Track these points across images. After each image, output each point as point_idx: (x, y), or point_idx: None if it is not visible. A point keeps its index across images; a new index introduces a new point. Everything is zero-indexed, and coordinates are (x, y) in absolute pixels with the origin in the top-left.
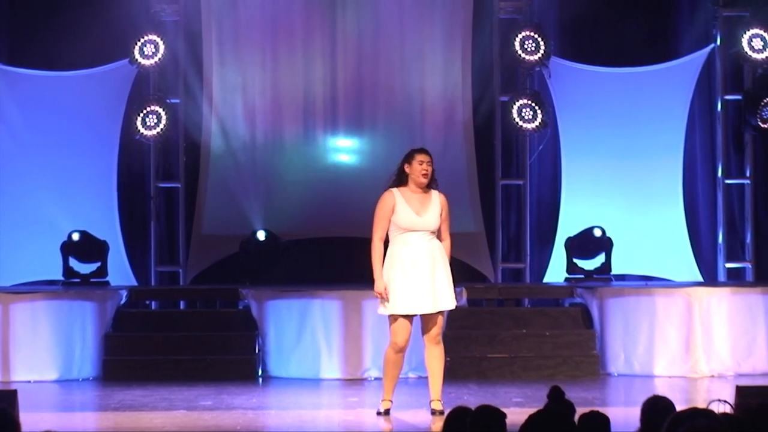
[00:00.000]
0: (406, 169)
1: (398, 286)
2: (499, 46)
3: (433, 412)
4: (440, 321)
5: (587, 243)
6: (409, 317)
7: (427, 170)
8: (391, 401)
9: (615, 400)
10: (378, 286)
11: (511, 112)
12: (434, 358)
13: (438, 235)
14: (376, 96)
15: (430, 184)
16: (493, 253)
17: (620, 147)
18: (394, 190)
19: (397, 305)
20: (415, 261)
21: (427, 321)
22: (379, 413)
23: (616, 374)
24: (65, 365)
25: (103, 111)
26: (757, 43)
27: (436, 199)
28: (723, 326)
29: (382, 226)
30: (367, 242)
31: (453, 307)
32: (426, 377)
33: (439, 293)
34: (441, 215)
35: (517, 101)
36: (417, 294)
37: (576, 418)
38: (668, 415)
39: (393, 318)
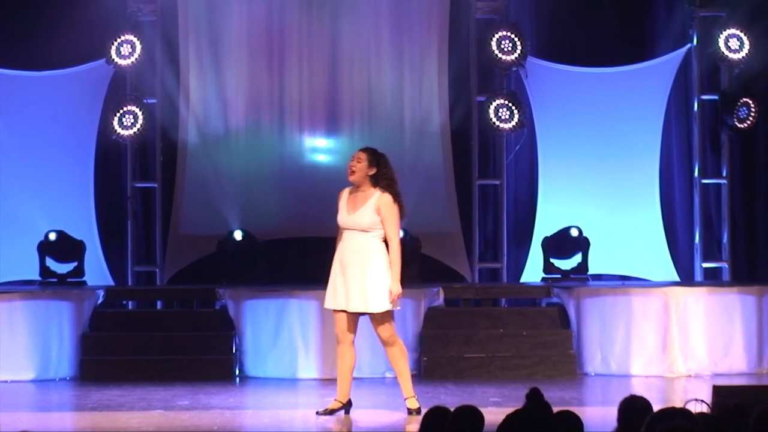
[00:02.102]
0: None
1: (330, 281)
2: (475, 46)
3: (409, 411)
4: (377, 323)
5: (564, 243)
6: (340, 312)
7: (353, 166)
8: (341, 402)
9: (592, 399)
10: None
11: (487, 112)
12: (392, 359)
13: (383, 236)
14: (352, 95)
15: (376, 183)
16: (470, 253)
17: (597, 147)
18: (346, 189)
19: (326, 299)
20: (343, 258)
21: (371, 323)
22: (317, 412)
23: (593, 374)
24: (42, 365)
25: (79, 111)
26: (734, 43)
27: (375, 198)
28: (700, 326)
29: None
30: None
31: (370, 311)
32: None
33: (352, 293)
34: (378, 214)
35: (494, 101)
36: (336, 290)
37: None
38: (645, 415)
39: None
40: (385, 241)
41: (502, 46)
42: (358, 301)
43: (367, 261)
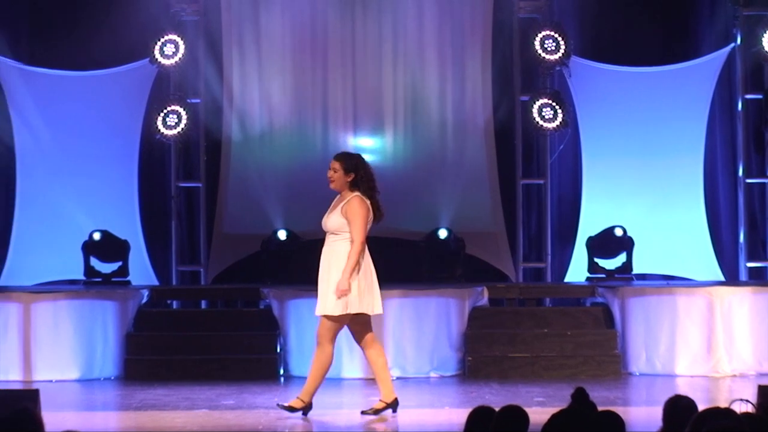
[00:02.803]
0: None
1: None
2: (519, 46)
3: (283, 405)
4: (322, 321)
5: (608, 242)
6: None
7: (330, 176)
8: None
9: (637, 399)
10: None
11: (531, 112)
12: (314, 358)
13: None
14: (396, 94)
15: (354, 188)
16: (514, 253)
17: (641, 146)
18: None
19: None
20: (321, 261)
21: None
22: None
23: (637, 374)
24: (87, 365)
25: (123, 111)
26: None
27: (344, 202)
28: (744, 325)
29: None
30: (388, 242)
31: (320, 313)
32: (446, 377)
33: (319, 296)
34: (345, 217)
35: (538, 101)
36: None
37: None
38: (690, 415)
39: None
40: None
41: (546, 46)
42: (320, 302)
43: (332, 263)
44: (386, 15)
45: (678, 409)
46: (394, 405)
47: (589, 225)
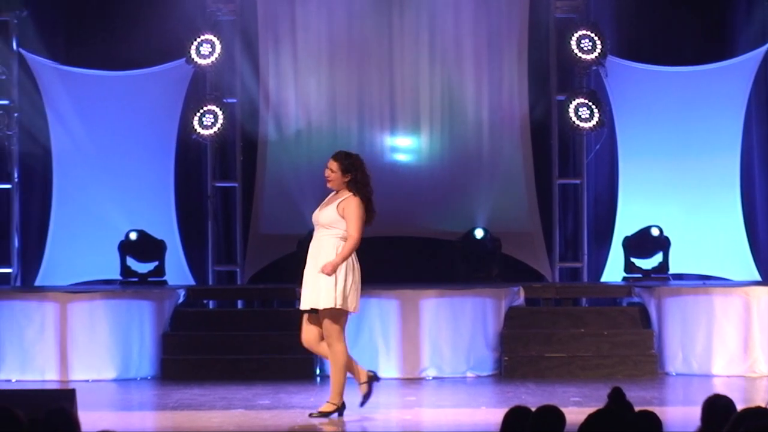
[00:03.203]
0: None
1: None
2: (555, 46)
3: (318, 414)
4: (326, 321)
5: (645, 242)
6: (305, 312)
7: (328, 176)
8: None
9: (673, 399)
10: None
11: (567, 112)
12: (329, 360)
13: (344, 236)
14: (432, 94)
15: (351, 188)
16: (550, 253)
17: (677, 146)
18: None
19: None
20: (309, 256)
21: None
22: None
23: (674, 373)
24: (123, 364)
25: (160, 110)
26: None
27: (341, 199)
28: None
29: None
30: (424, 242)
31: (318, 307)
32: (482, 377)
33: (307, 291)
34: (341, 215)
35: (574, 100)
36: (303, 289)
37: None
38: (729, 415)
39: None
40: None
41: (582, 45)
42: (308, 296)
43: (322, 257)
44: (423, 14)
45: (716, 409)
46: (342, 408)
47: (625, 225)
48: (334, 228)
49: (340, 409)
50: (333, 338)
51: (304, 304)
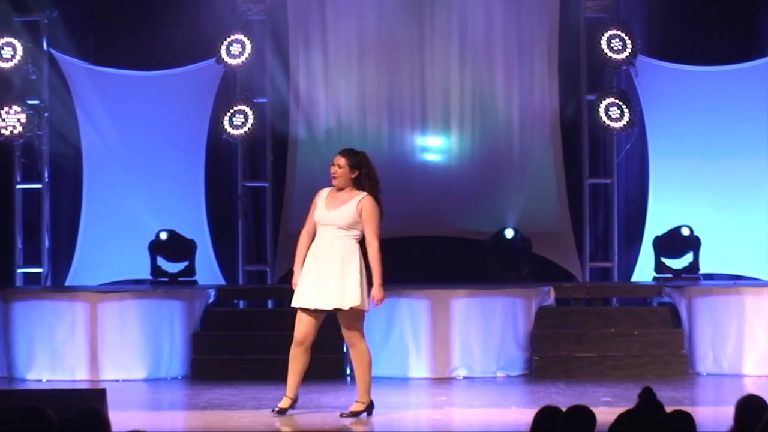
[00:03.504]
0: None
1: (300, 279)
2: (585, 45)
3: (350, 413)
4: (344, 321)
5: (675, 242)
6: (308, 311)
7: (335, 172)
8: (293, 399)
9: (704, 399)
10: (294, 278)
11: (597, 111)
12: (353, 360)
13: (361, 237)
14: (462, 94)
15: (359, 186)
16: (580, 252)
17: (708, 145)
18: (324, 189)
19: (294, 297)
20: (318, 255)
21: (338, 320)
22: (273, 410)
23: (704, 373)
24: (154, 364)
25: (190, 110)
26: None
27: (357, 199)
28: None
29: (308, 219)
30: (454, 241)
31: (345, 308)
32: (513, 377)
33: (329, 291)
34: (360, 216)
35: (604, 100)
36: (310, 288)
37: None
38: (762, 415)
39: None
40: (360, 243)
41: (612, 45)
42: (332, 297)
43: (344, 258)
44: (453, 14)
45: (750, 409)
46: (371, 407)
47: (655, 224)
48: (353, 229)
49: (369, 407)
50: (357, 338)
51: (322, 304)
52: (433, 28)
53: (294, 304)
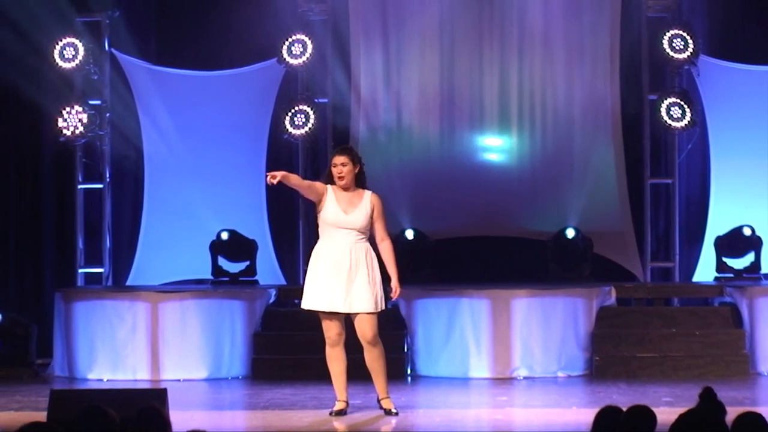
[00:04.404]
0: (330, 170)
1: (314, 282)
2: (647, 45)
3: (387, 412)
4: (370, 323)
5: (737, 242)
6: (331, 313)
7: (341, 172)
8: (346, 402)
9: (765, 399)
10: None
11: (659, 111)
12: (371, 360)
13: (373, 236)
14: (522, 93)
15: (360, 183)
16: (641, 252)
17: None
18: (327, 186)
19: (308, 300)
20: (337, 258)
21: (355, 322)
22: (330, 413)
23: (766, 374)
24: (214, 364)
25: (251, 110)
26: None
27: (368, 199)
28: None
29: (311, 183)
30: (515, 241)
31: (373, 310)
32: (573, 377)
33: (354, 295)
34: (372, 215)
35: (666, 100)
36: (330, 291)
37: (731, 419)
38: None
39: (320, 314)
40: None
41: (674, 45)
42: (363, 300)
43: (363, 261)
44: (513, 13)
45: None
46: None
47: (717, 224)
48: (368, 231)
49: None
50: (378, 337)
51: (352, 308)
52: (493, 28)
53: (309, 306)
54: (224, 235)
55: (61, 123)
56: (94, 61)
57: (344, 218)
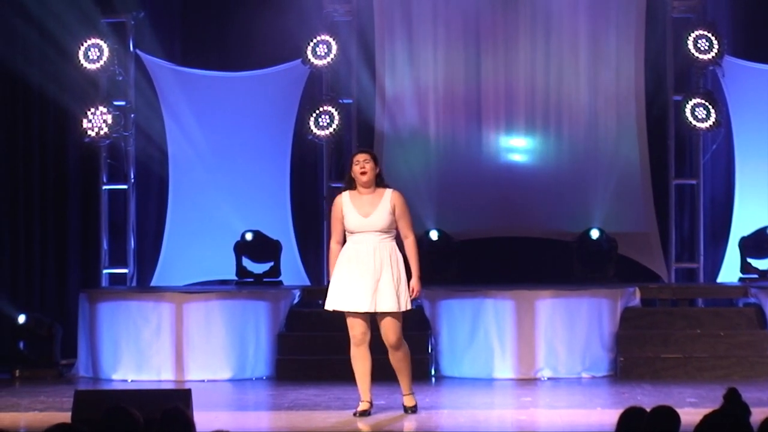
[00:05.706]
0: (352, 172)
1: (337, 283)
2: (672, 45)
3: (405, 410)
4: (394, 327)
5: (761, 242)
6: (356, 313)
7: (364, 168)
8: (370, 402)
9: None
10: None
11: (684, 112)
12: (396, 361)
13: (396, 234)
14: (548, 94)
15: (380, 183)
16: (666, 253)
17: None
18: (344, 194)
19: (331, 301)
20: (360, 259)
21: (380, 323)
22: (354, 414)
23: None
24: (239, 364)
25: (275, 111)
26: None
27: (387, 197)
28: None
29: (335, 229)
30: (539, 242)
31: (397, 310)
32: (598, 378)
33: (379, 294)
34: (393, 213)
35: (691, 100)
36: (354, 292)
37: (756, 420)
38: None
39: (345, 314)
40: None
41: (699, 45)
42: (389, 301)
43: (388, 261)
44: (539, 14)
45: None
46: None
47: (741, 225)
48: (392, 230)
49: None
50: (401, 339)
51: (379, 307)
52: (518, 29)
53: (333, 306)
54: (248, 236)
55: (85, 124)
56: (119, 62)
57: (364, 222)
